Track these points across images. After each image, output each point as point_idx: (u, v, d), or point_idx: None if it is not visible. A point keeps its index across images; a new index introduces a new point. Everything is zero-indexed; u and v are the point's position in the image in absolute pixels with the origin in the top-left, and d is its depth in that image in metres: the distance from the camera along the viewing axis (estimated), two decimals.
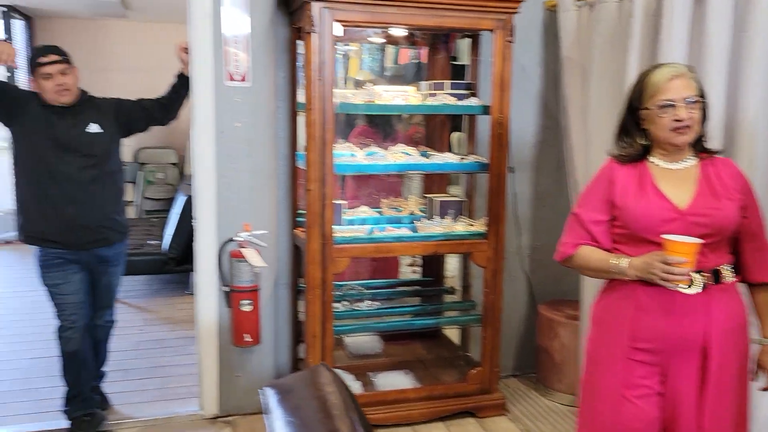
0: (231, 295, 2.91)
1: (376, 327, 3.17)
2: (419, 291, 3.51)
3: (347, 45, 3.48)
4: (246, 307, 2.88)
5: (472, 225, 3.03)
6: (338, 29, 2.69)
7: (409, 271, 3.88)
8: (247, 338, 2.90)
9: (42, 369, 3.57)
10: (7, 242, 6.61)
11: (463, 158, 3.05)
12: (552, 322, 3.23)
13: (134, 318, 4.42)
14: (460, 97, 3.01)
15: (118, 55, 7.17)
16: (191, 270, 4.97)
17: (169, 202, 7.28)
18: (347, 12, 2.66)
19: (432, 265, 3.56)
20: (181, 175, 7.45)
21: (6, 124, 2.83)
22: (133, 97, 3.04)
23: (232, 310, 2.93)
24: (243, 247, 2.87)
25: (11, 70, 5.95)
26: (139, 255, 4.84)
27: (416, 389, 3.02)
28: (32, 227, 2.84)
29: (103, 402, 3.13)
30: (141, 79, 7.04)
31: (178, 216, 4.89)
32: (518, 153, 3.36)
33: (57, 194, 2.77)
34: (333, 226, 2.76)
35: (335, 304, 2.96)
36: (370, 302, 3.19)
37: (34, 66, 2.75)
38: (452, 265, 3.59)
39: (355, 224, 2.99)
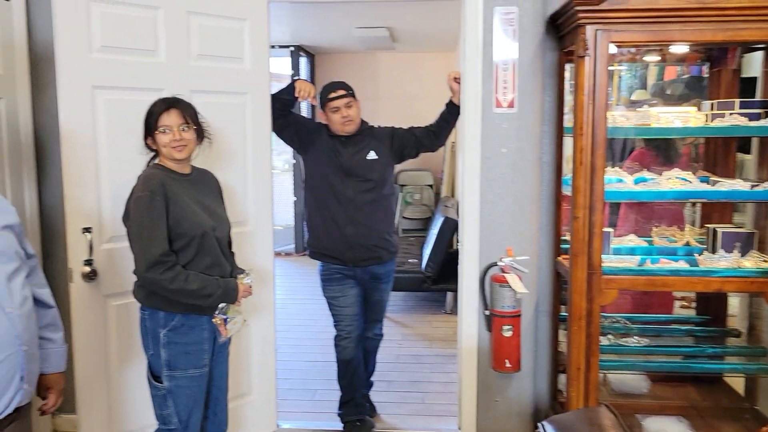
0: (492, 319, 2.93)
1: (646, 366, 2.94)
2: (693, 330, 3.18)
3: (615, 65, 3.33)
4: (507, 332, 2.88)
5: (766, 261, 2.67)
6: (612, 50, 2.58)
7: (676, 305, 3.56)
8: (507, 364, 2.89)
9: (318, 372, 3.95)
10: (287, 254, 7.48)
11: (754, 185, 2.71)
12: None
13: (394, 332, 4.68)
14: (751, 117, 2.69)
15: (385, 85, 7.77)
16: (447, 290, 5.16)
17: (425, 222, 7.65)
18: (624, 33, 2.53)
19: (709, 302, 3.21)
20: (436, 197, 7.78)
21: (300, 152, 3.22)
22: (399, 124, 3.25)
23: (492, 334, 2.95)
24: (506, 272, 2.88)
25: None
26: (400, 272, 5.13)
27: None
28: (317, 243, 3.17)
29: (371, 410, 3.36)
30: (406, 106, 7.55)
31: (435, 237, 5.10)
32: None
33: (339, 215, 3.06)
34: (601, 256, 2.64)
35: (600, 338, 2.82)
36: (637, 338, 2.97)
37: (324, 100, 3.09)
38: (733, 304, 3.20)
39: (623, 254, 2.82)
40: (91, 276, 2.48)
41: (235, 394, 2.99)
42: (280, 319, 3.22)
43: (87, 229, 2.47)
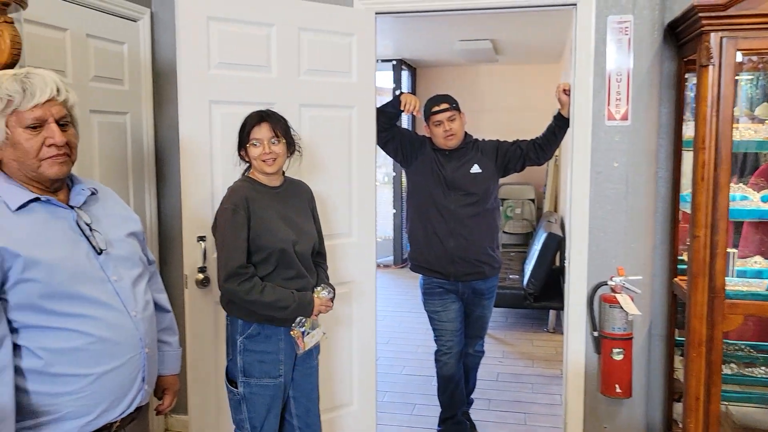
0: (601, 341, 2.79)
1: None
2: None
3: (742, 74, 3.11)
4: (617, 355, 2.73)
5: None
6: (738, 59, 2.41)
7: None
8: (617, 389, 2.74)
9: (417, 386, 3.93)
10: (386, 266, 7.53)
11: None
12: None
13: (494, 349, 4.59)
14: None
15: (487, 97, 7.69)
16: (550, 307, 5.01)
17: (526, 237, 7.48)
18: (754, 39, 2.36)
19: None
20: (538, 211, 7.59)
21: (403, 165, 3.22)
22: (501, 137, 3.18)
23: (601, 357, 2.81)
24: (616, 292, 2.74)
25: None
26: (500, 288, 5.03)
27: None
28: (419, 257, 3.15)
29: (472, 428, 3.29)
30: (508, 119, 7.44)
31: (538, 253, 4.96)
32: None
33: (442, 228, 3.03)
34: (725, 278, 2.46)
35: (722, 366, 2.62)
36: (765, 368, 2.74)
37: (427, 114, 3.08)
38: None
39: (748, 277, 2.62)
40: (204, 283, 2.59)
41: (336, 404, 3.02)
42: (379, 331, 3.23)
43: (201, 238, 2.58)
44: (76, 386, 1.47)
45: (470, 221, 3.02)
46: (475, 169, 3.05)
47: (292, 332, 2.19)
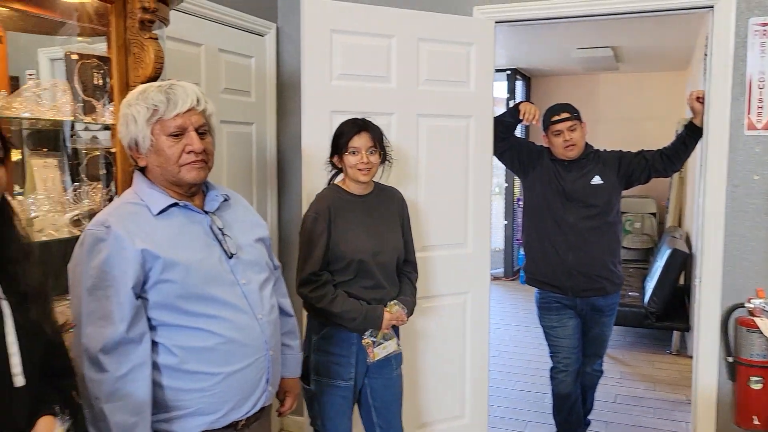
0: (737, 367, 2.59)
1: None
2: None
3: None
4: (755, 384, 2.52)
5: None
6: None
7: None
8: (755, 421, 2.52)
9: (529, 403, 3.81)
10: (496, 278, 7.40)
11: None
12: None
13: (611, 369, 4.37)
14: None
15: (605, 106, 7.40)
16: (674, 328, 4.71)
17: (646, 252, 7.10)
18: None
19: None
20: (660, 226, 7.19)
21: (520, 176, 3.15)
22: (621, 147, 3.03)
23: (736, 385, 2.60)
24: (755, 316, 2.53)
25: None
26: (619, 306, 4.77)
27: None
28: (535, 270, 3.06)
29: None
30: (627, 128, 7.13)
31: (661, 270, 4.68)
32: None
33: (560, 241, 2.92)
34: None
35: None
36: None
37: (547, 123, 2.99)
38: None
39: None
40: None
41: (447, 415, 2.99)
42: (489, 344, 3.16)
43: None
44: (206, 384, 1.54)
45: (590, 234, 2.90)
46: (596, 180, 2.93)
47: (363, 341, 2.21)
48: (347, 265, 2.18)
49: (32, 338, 1.19)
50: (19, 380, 1.15)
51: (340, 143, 2.25)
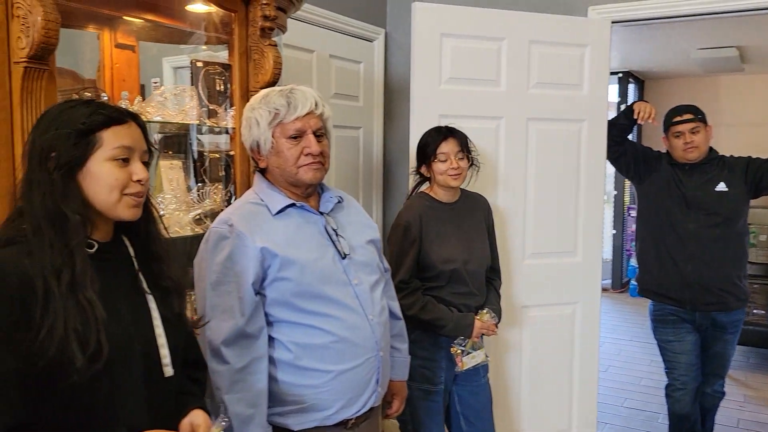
0: None
1: None
2: None
3: None
4: None
5: None
6: None
7: None
8: None
9: (641, 422, 3.63)
10: (603, 289, 7.11)
11: None
12: None
13: (733, 392, 4.07)
14: None
15: (728, 110, 6.95)
16: None
17: None
18: None
19: None
20: None
21: (635, 182, 3.01)
22: (745, 153, 2.83)
23: None
24: None
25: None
26: (743, 324, 4.47)
27: None
28: (649, 280, 2.91)
29: None
30: (753, 134, 6.66)
31: None
32: None
33: (678, 250, 2.77)
34: None
35: None
36: None
37: (667, 124, 2.84)
38: None
39: None
40: None
41: (552, 428, 2.90)
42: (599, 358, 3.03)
43: None
44: (319, 380, 1.57)
45: (713, 245, 2.72)
46: (721, 187, 2.75)
47: (452, 349, 2.20)
48: (439, 273, 2.20)
49: (175, 331, 1.25)
50: (169, 371, 1.22)
51: (427, 152, 2.26)
